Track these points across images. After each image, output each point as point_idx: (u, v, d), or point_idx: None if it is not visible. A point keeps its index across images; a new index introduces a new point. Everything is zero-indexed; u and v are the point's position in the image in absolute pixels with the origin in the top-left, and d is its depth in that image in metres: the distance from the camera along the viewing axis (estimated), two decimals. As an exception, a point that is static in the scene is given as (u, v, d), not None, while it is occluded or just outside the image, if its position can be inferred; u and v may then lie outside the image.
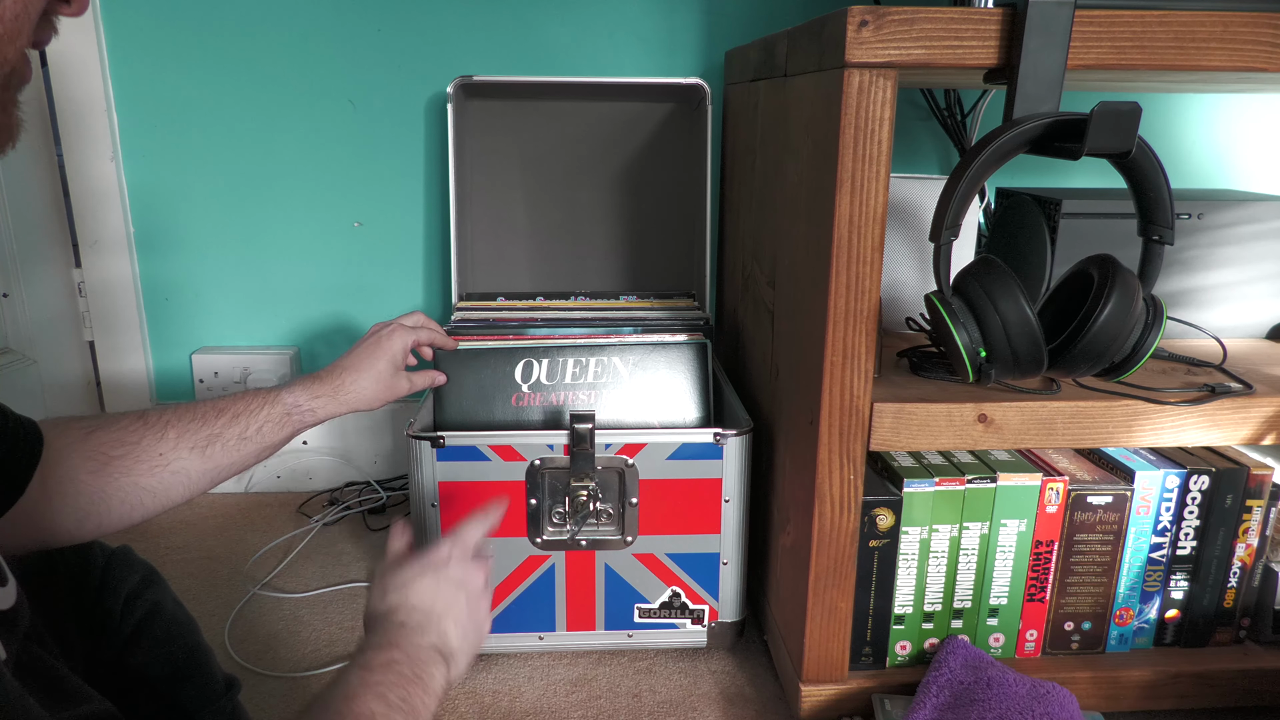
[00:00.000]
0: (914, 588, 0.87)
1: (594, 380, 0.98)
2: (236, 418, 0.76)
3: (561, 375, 0.98)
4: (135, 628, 0.68)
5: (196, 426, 0.73)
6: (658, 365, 0.98)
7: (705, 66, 1.29)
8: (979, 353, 0.76)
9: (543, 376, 0.98)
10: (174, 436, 0.71)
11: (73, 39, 1.23)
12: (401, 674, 0.56)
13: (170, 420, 0.72)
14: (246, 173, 1.31)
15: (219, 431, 0.74)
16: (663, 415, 0.98)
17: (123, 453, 0.67)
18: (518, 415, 0.98)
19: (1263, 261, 0.98)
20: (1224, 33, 0.70)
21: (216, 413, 0.75)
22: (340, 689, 0.54)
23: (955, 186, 0.71)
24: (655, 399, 0.98)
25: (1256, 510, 0.87)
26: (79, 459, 0.65)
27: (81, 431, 0.67)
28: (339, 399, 0.86)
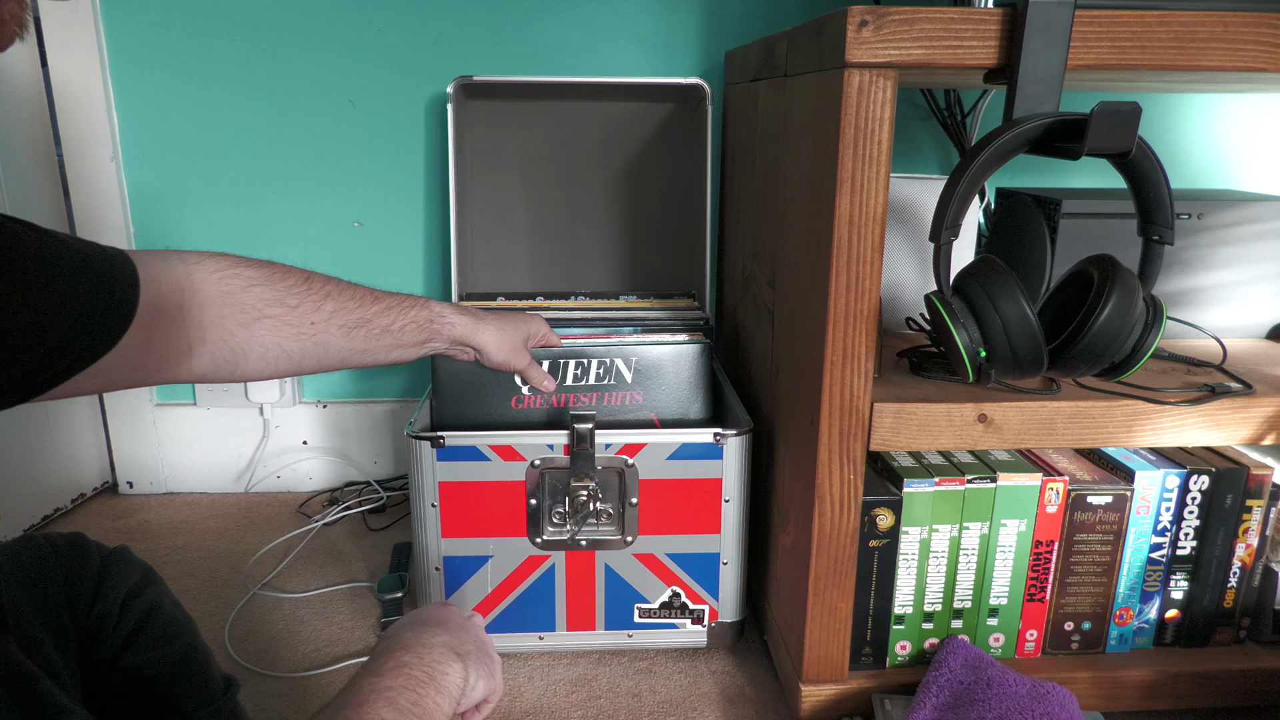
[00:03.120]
0: (914, 588, 0.87)
1: (595, 382, 0.97)
2: (389, 309, 0.78)
3: (563, 378, 0.97)
4: (133, 628, 0.68)
5: (352, 306, 0.75)
6: (659, 365, 0.98)
7: (705, 66, 1.29)
8: (979, 353, 0.76)
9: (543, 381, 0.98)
10: (330, 310, 0.72)
11: (73, 39, 1.23)
12: (413, 676, 0.56)
13: (331, 293, 0.73)
14: (246, 173, 1.31)
15: (370, 317, 0.76)
16: (663, 414, 0.98)
17: (277, 313, 0.68)
18: (517, 418, 0.98)
19: (1263, 261, 0.98)
20: (1224, 33, 0.70)
21: (373, 299, 0.77)
22: (351, 695, 0.54)
23: (955, 186, 0.71)
24: (656, 399, 0.98)
25: (1256, 510, 0.87)
26: (232, 309, 0.66)
27: (244, 281, 0.67)
28: (475, 328, 0.87)
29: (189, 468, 1.42)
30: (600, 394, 0.98)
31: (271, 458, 1.42)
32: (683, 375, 0.98)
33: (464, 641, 0.62)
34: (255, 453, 1.41)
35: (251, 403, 1.37)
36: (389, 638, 0.62)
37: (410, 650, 0.59)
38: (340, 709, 0.52)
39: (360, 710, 0.52)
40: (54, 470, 1.33)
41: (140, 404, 1.39)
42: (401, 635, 0.61)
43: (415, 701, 0.54)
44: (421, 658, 0.58)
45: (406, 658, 0.58)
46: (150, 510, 1.37)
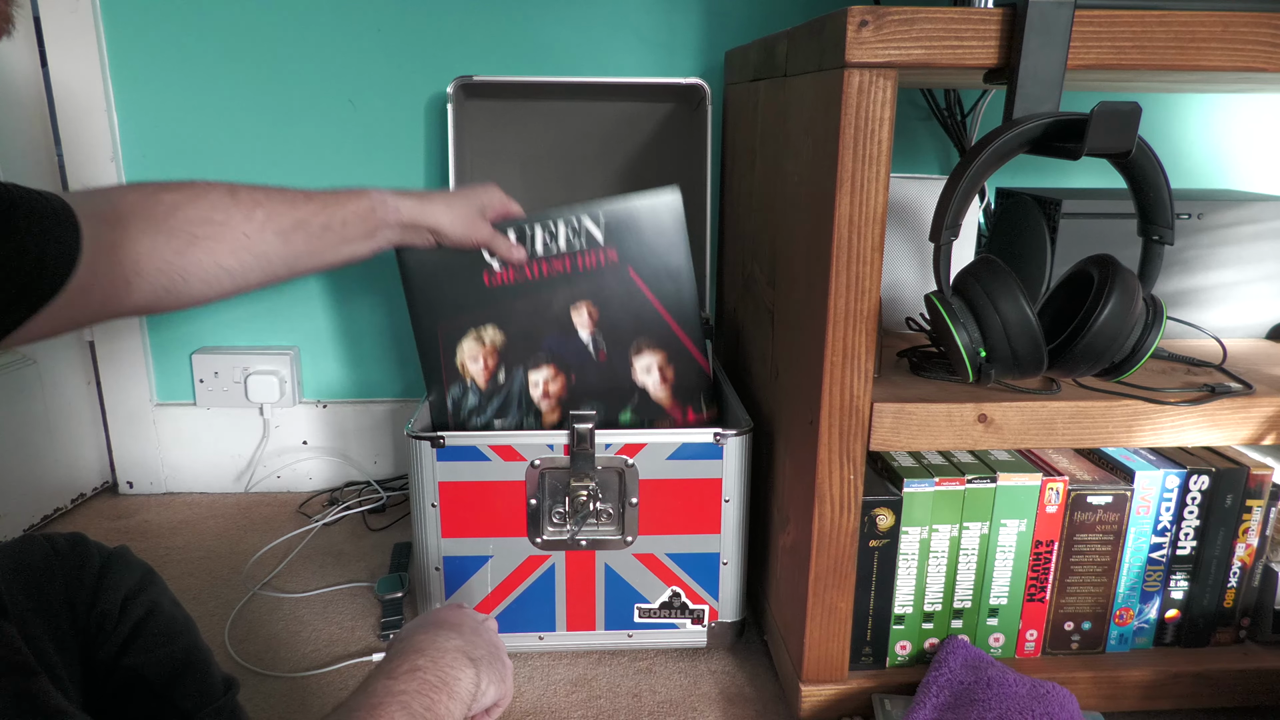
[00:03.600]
0: (914, 588, 0.87)
1: (566, 247, 0.93)
2: (325, 206, 0.75)
3: (532, 246, 0.93)
4: (133, 628, 0.68)
5: (285, 210, 0.72)
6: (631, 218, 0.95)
7: (705, 66, 1.29)
8: (979, 353, 0.76)
9: None
10: (261, 218, 0.70)
11: (73, 39, 1.23)
12: (426, 681, 0.56)
13: (260, 201, 0.71)
14: (246, 172, 1.31)
15: (305, 218, 0.73)
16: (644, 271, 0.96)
17: (208, 233, 0.66)
18: (496, 296, 0.94)
19: (1263, 261, 0.98)
20: (1224, 33, 0.70)
21: (306, 198, 0.74)
22: (365, 696, 0.54)
23: (955, 186, 0.71)
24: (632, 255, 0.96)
25: (1256, 510, 0.87)
26: (164, 237, 0.64)
27: (167, 207, 0.65)
28: (424, 207, 0.84)
29: (189, 468, 1.42)
30: (573, 258, 0.94)
31: (271, 458, 1.42)
32: (660, 226, 0.94)
33: (477, 646, 0.62)
34: (255, 453, 1.41)
35: (251, 403, 1.37)
36: (403, 639, 0.62)
37: (424, 654, 0.59)
38: (354, 710, 0.52)
39: (374, 712, 0.52)
40: (54, 470, 1.33)
41: (140, 404, 1.39)
42: (415, 638, 0.61)
43: (428, 707, 0.54)
44: (436, 662, 0.58)
45: (421, 661, 0.58)
46: (150, 510, 1.37)
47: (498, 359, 0.95)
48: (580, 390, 0.97)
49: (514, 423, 0.97)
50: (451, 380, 0.96)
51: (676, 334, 0.96)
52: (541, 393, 0.96)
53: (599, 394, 0.97)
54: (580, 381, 0.96)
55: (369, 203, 0.79)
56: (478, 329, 0.95)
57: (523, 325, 0.95)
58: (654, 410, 0.98)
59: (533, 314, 0.95)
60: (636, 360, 0.96)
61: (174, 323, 1.38)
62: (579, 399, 0.97)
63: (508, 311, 0.95)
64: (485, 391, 0.96)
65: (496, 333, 0.95)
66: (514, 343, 0.95)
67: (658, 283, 0.95)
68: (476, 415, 0.97)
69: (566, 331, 0.95)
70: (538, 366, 0.96)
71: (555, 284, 0.94)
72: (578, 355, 0.96)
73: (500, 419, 0.97)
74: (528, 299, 0.94)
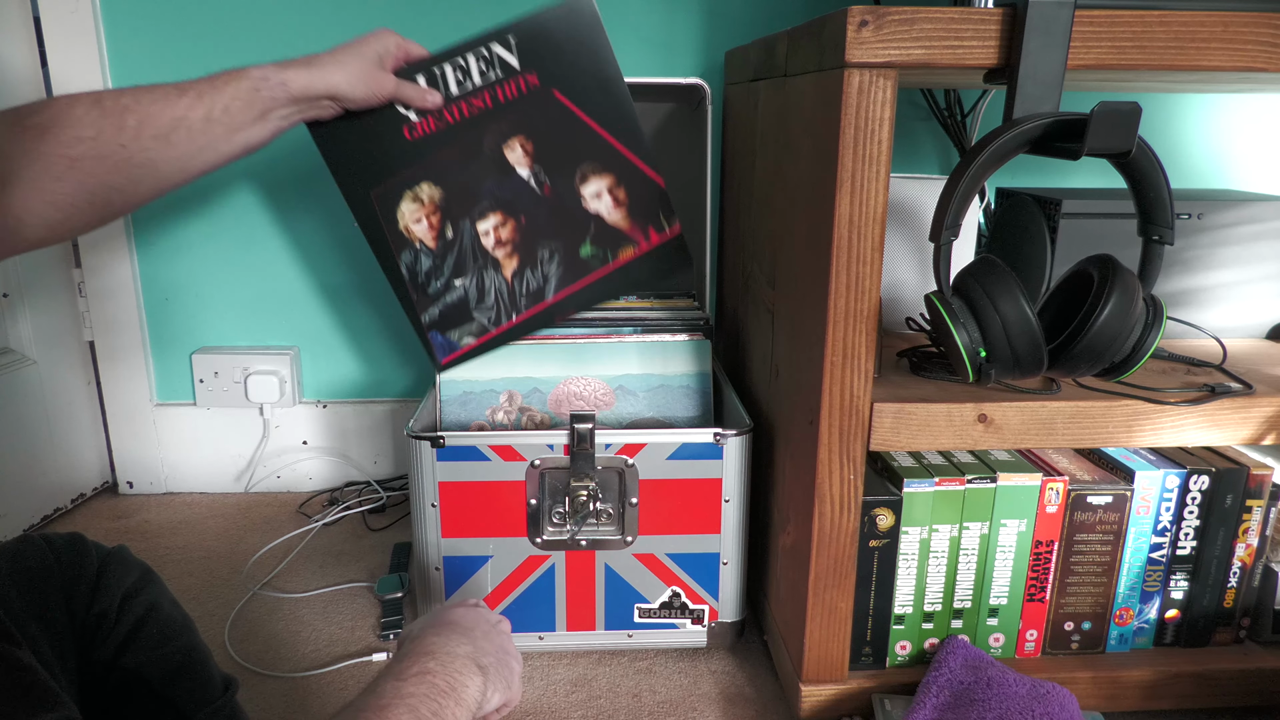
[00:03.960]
0: (914, 588, 0.87)
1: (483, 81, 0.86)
2: (201, 96, 0.69)
3: (446, 86, 0.86)
4: (131, 628, 0.68)
5: (158, 110, 0.66)
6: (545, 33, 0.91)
7: (705, 66, 1.29)
8: (979, 353, 0.76)
9: None
10: (134, 124, 0.65)
11: (73, 39, 1.23)
12: (435, 685, 0.56)
13: (129, 106, 0.65)
14: (246, 172, 1.31)
15: (182, 114, 0.68)
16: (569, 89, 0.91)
17: (83, 152, 0.62)
18: (420, 150, 0.88)
19: (1263, 261, 0.98)
20: (1224, 33, 0.70)
21: (179, 92, 0.68)
22: (373, 697, 0.54)
23: (955, 186, 0.71)
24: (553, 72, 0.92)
25: (1256, 510, 0.87)
26: (41, 166, 0.61)
27: (34, 135, 0.61)
28: (314, 71, 0.77)
29: (189, 468, 1.42)
30: (492, 91, 0.87)
31: (271, 458, 1.42)
32: (577, 36, 0.87)
33: (486, 652, 0.62)
34: (255, 453, 1.41)
35: (251, 403, 1.37)
36: (415, 638, 0.62)
37: (435, 657, 0.59)
38: (361, 710, 0.53)
39: (382, 713, 0.52)
40: (54, 470, 1.33)
41: (140, 404, 1.39)
42: (427, 639, 0.61)
43: (435, 712, 0.54)
44: (445, 666, 0.58)
45: (431, 665, 0.58)
46: (150, 510, 1.37)
47: (441, 215, 0.91)
48: (532, 231, 0.91)
49: (474, 278, 0.92)
50: (400, 247, 0.91)
51: (620, 151, 0.90)
52: (494, 241, 0.91)
53: (552, 231, 0.91)
54: (530, 222, 0.91)
55: (250, 83, 0.72)
56: (412, 188, 0.90)
57: (457, 175, 0.90)
58: (613, 237, 0.92)
59: (465, 161, 0.89)
60: (584, 188, 0.91)
61: (174, 323, 1.38)
62: (533, 240, 0.91)
63: (438, 163, 0.89)
64: (436, 251, 0.92)
65: (433, 188, 0.90)
66: (453, 195, 0.90)
67: (588, 100, 0.89)
68: (435, 278, 0.92)
69: (504, 172, 0.90)
70: (483, 215, 0.91)
71: (481, 123, 0.88)
72: (521, 195, 0.91)
73: (460, 278, 0.92)
74: (455, 146, 0.89)
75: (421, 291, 0.93)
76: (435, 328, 0.93)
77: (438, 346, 0.94)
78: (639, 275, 0.93)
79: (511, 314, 0.93)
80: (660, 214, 0.92)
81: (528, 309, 0.93)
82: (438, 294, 0.93)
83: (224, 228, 1.34)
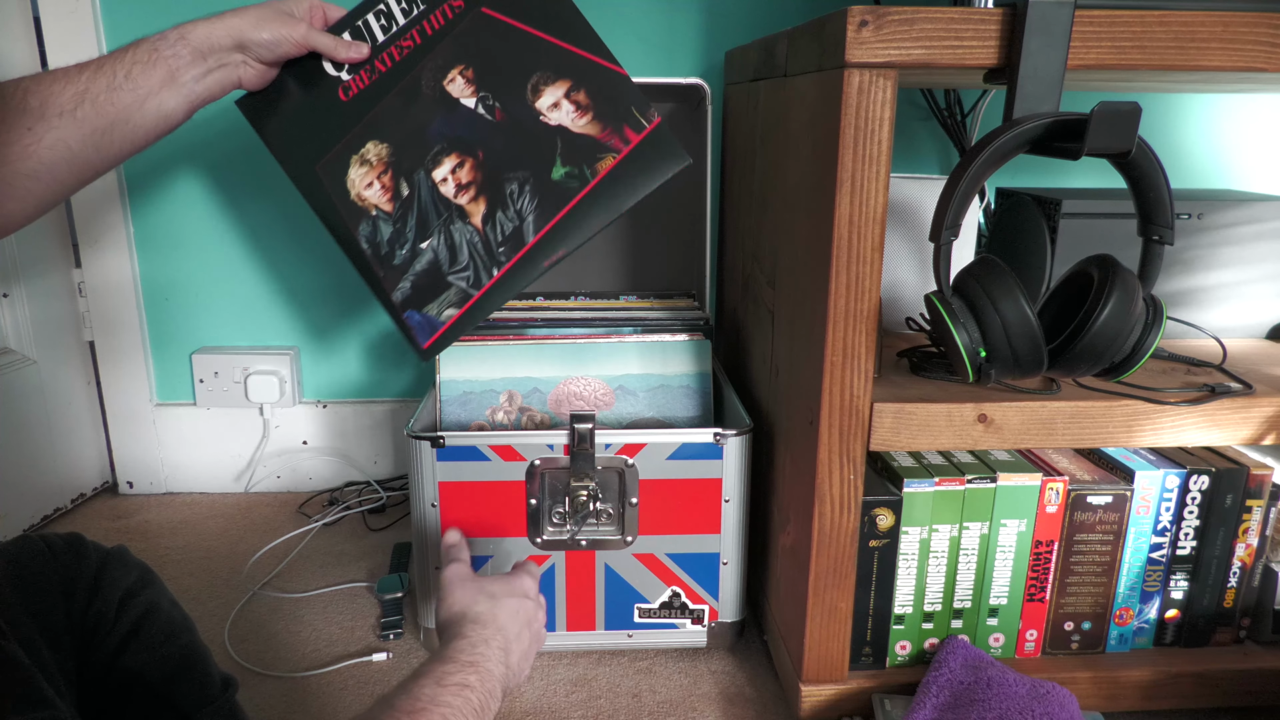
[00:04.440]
0: (914, 588, 0.87)
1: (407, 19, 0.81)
2: (101, 67, 0.66)
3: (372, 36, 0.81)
4: (131, 628, 0.68)
5: (60, 88, 0.63)
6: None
7: (705, 66, 1.29)
8: (979, 353, 0.76)
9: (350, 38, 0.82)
10: (37, 106, 0.62)
11: (73, 39, 1.23)
12: (469, 703, 0.57)
13: (29, 88, 0.62)
14: (247, 172, 1.31)
15: (85, 86, 0.65)
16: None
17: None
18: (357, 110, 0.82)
19: (1263, 261, 0.98)
20: (1224, 33, 0.70)
21: (80, 69, 0.66)
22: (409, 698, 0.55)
23: (955, 186, 0.71)
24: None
25: (1256, 510, 0.87)
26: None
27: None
28: (214, 22, 0.73)
29: (189, 468, 1.42)
30: (419, 26, 0.81)
31: (271, 458, 1.42)
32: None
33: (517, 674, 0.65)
34: (255, 453, 1.41)
35: (251, 403, 1.37)
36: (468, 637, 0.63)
37: (478, 671, 0.60)
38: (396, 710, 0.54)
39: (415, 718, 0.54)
40: (54, 470, 1.33)
41: (140, 404, 1.39)
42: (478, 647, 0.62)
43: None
44: (484, 682, 0.60)
45: (472, 679, 0.59)
46: (150, 510, 1.37)
47: (392, 173, 0.82)
48: (493, 164, 0.81)
49: (442, 236, 0.83)
50: (356, 219, 0.83)
51: (568, 51, 0.81)
52: (454, 187, 0.82)
53: (517, 160, 0.81)
54: (490, 155, 0.81)
55: (149, 43, 0.70)
56: (357, 151, 0.83)
57: (401, 124, 0.82)
58: (586, 148, 0.80)
59: (405, 108, 0.82)
60: (539, 102, 0.81)
61: (174, 323, 1.38)
62: (497, 175, 0.81)
63: (378, 118, 0.82)
64: (394, 215, 0.83)
65: (378, 146, 0.82)
66: (400, 147, 0.82)
67: (520, 6, 0.81)
68: (399, 246, 0.83)
69: (449, 108, 0.81)
70: (437, 161, 0.82)
71: (413, 63, 0.82)
72: (473, 127, 0.82)
73: (425, 239, 0.82)
74: (392, 95, 0.82)
75: (387, 264, 0.83)
76: (410, 305, 0.82)
77: (416, 327, 0.82)
78: (629, 184, 0.80)
79: (492, 269, 0.80)
80: (634, 108, 0.81)
81: (509, 259, 0.80)
82: (405, 263, 0.83)
83: (224, 227, 1.34)
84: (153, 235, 1.34)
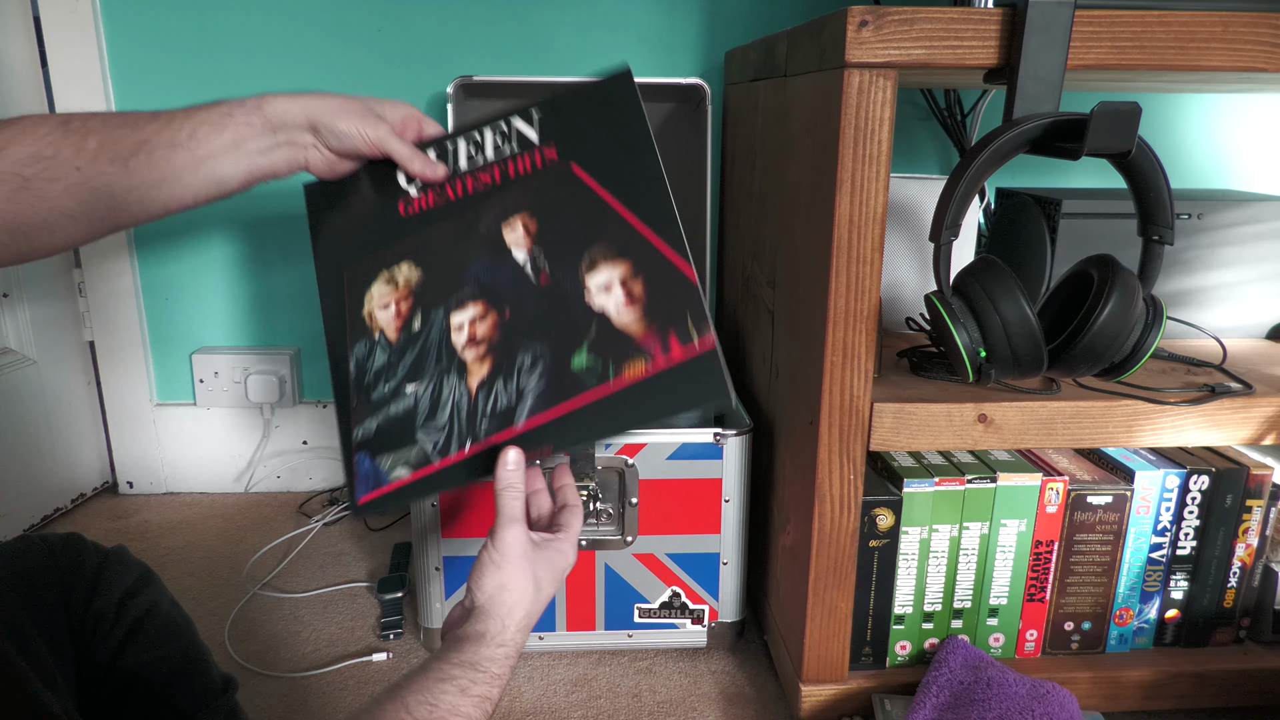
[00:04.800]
0: (914, 588, 0.87)
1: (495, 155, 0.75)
2: (171, 120, 0.64)
3: (455, 160, 0.75)
4: (130, 628, 0.68)
5: (124, 134, 0.61)
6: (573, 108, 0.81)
7: (705, 66, 1.29)
8: (979, 353, 0.75)
9: None
10: (95, 145, 0.60)
11: (73, 39, 1.23)
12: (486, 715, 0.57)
13: (95, 127, 0.60)
14: (246, 173, 1.31)
15: (148, 137, 0.62)
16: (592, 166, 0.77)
17: (37, 171, 0.58)
18: (406, 232, 0.75)
19: (1263, 261, 0.98)
20: (1224, 33, 0.70)
21: (151, 118, 0.63)
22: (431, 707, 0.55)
23: (955, 186, 0.71)
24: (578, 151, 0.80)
25: (1256, 510, 0.87)
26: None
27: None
28: (295, 96, 0.70)
29: (189, 468, 1.42)
30: (503, 166, 0.74)
31: (271, 458, 1.42)
32: (609, 104, 0.74)
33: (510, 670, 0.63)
34: (255, 453, 1.41)
35: (251, 403, 1.37)
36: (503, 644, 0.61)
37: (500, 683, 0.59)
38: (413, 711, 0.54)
39: None
40: (54, 470, 1.33)
41: (140, 404, 1.39)
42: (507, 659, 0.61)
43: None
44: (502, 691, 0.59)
45: (495, 693, 0.58)
46: (150, 510, 1.37)
47: (412, 302, 0.73)
48: (517, 327, 0.70)
49: (431, 385, 0.71)
50: (357, 336, 0.74)
51: (641, 232, 0.70)
52: (466, 338, 0.71)
53: (541, 330, 0.70)
54: (517, 317, 0.71)
55: (225, 106, 0.66)
56: (390, 268, 0.75)
57: (442, 255, 0.74)
58: (620, 343, 0.68)
59: (455, 239, 0.74)
60: (591, 278, 0.70)
61: (174, 323, 1.38)
62: (515, 339, 0.70)
63: (425, 242, 0.74)
64: (396, 345, 0.73)
65: (412, 269, 0.74)
66: (432, 278, 0.74)
67: (613, 174, 0.72)
68: (385, 380, 0.72)
69: (497, 253, 0.72)
70: (461, 304, 0.72)
71: (482, 199, 0.74)
72: (512, 282, 0.72)
73: (414, 381, 0.71)
74: (449, 222, 0.74)
75: (364, 396, 0.72)
76: (365, 448, 0.70)
77: (361, 475, 0.69)
78: (650, 404, 0.66)
79: (465, 441, 0.68)
80: (688, 318, 0.68)
81: (487, 435, 0.68)
82: (381, 401, 0.72)
83: (224, 227, 1.34)
84: (153, 235, 1.34)
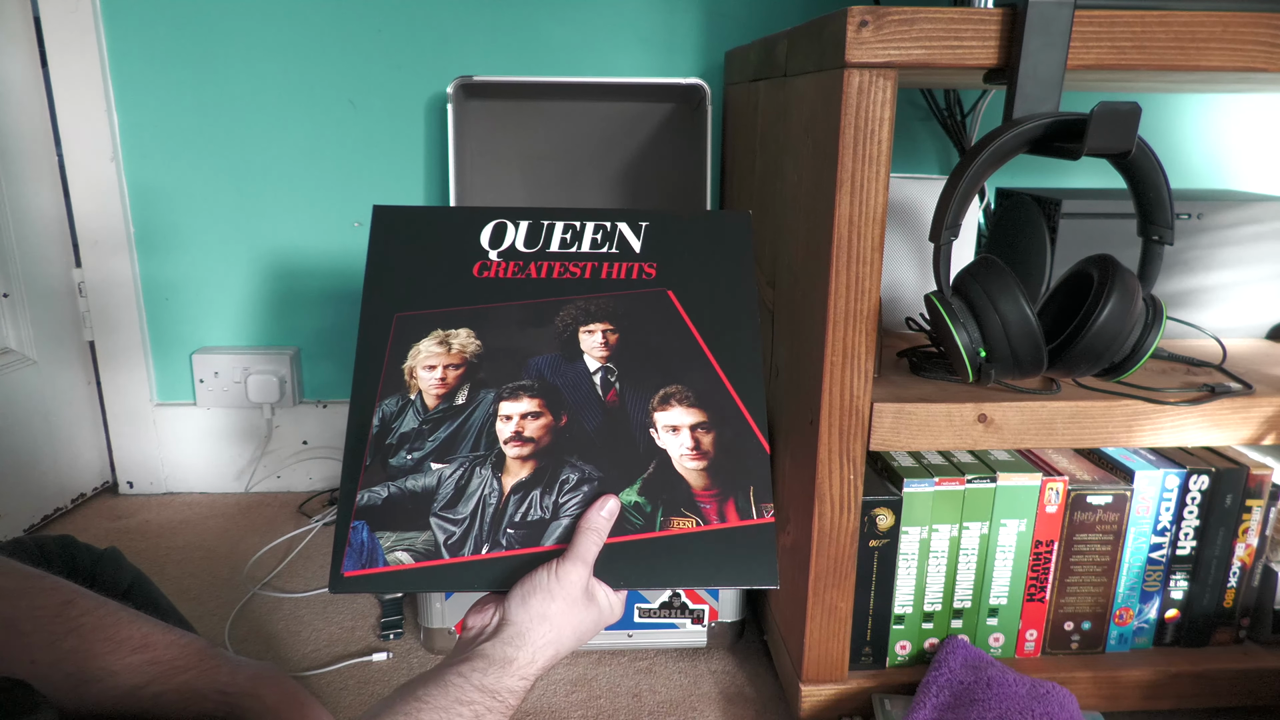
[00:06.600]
0: (914, 588, 0.87)
1: (590, 249, 0.71)
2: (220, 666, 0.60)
3: (546, 239, 0.72)
4: None
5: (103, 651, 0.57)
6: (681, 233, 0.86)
7: (705, 66, 1.29)
8: (979, 353, 0.76)
9: (519, 242, 0.72)
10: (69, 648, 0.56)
11: (73, 39, 1.23)
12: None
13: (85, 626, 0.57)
14: (247, 172, 1.31)
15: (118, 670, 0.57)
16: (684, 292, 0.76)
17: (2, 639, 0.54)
18: (476, 295, 0.70)
19: (1263, 261, 0.98)
20: (1224, 33, 0.70)
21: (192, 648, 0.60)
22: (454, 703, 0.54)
23: (955, 186, 0.71)
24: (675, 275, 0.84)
25: (1256, 510, 0.87)
26: None
27: None
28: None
29: (189, 468, 1.42)
30: (597, 263, 0.71)
31: (271, 458, 1.42)
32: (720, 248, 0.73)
33: None
34: (255, 452, 1.41)
35: (251, 403, 1.37)
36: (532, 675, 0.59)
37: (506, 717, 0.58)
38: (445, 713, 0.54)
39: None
40: (54, 470, 1.33)
41: (140, 404, 1.39)
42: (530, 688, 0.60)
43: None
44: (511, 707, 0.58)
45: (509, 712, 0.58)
46: (150, 510, 1.37)
47: (462, 371, 0.69)
48: (571, 440, 0.67)
49: (461, 470, 0.65)
50: (390, 390, 0.68)
51: (725, 387, 0.69)
52: (513, 432, 0.67)
53: (597, 451, 0.66)
54: (574, 426, 0.67)
55: None
56: (446, 329, 0.70)
57: (509, 334, 0.70)
58: (675, 492, 0.65)
59: (526, 322, 0.70)
60: (661, 415, 0.68)
61: (174, 323, 1.38)
62: (566, 450, 0.66)
63: (491, 313, 0.70)
64: (431, 413, 0.68)
65: (470, 338, 0.70)
66: (490, 356, 0.69)
67: (708, 317, 0.70)
68: (410, 448, 0.66)
69: (567, 354, 0.69)
70: (516, 396, 0.68)
71: (566, 289, 0.71)
72: (577, 390, 0.69)
73: (443, 461, 0.66)
74: (525, 303, 0.71)
75: (380, 457, 0.66)
76: (365, 516, 0.63)
77: (354, 547, 0.62)
78: (688, 566, 0.63)
79: (483, 545, 0.63)
80: (753, 490, 0.65)
81: (509, 546, 0.63)
82: (400, 471, 0.66)
83: (224, 227, 1.34)
84: (153, 235, 1.34)
